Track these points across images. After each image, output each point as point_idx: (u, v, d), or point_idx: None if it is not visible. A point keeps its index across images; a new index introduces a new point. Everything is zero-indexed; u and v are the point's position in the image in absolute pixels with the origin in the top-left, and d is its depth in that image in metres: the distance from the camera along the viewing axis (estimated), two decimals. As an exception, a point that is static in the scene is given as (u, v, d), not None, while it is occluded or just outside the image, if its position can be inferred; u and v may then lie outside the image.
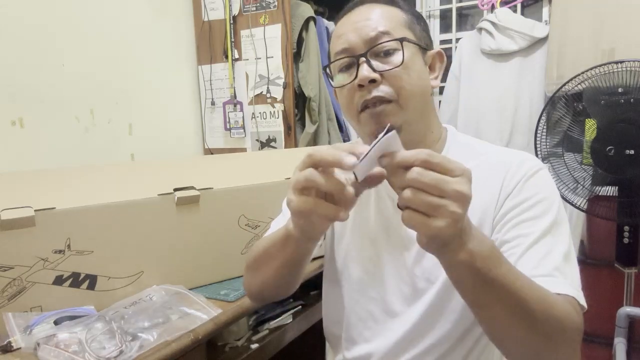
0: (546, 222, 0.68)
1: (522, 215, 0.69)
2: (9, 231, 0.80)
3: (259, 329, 1.14)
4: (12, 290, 0.82)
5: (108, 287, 0.93)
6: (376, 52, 0.72)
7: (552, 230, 0.67)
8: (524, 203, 0.70)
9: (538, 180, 0.72)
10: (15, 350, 0.75)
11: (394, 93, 0.71)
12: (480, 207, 0.72)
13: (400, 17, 0.75)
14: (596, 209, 1.50)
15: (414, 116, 0.74)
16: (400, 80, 0.71)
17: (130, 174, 1.25)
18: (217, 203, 1.06)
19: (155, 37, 1.89)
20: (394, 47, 0.72)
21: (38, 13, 1.46)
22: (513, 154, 0.76)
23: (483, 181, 0.71)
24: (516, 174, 0.72)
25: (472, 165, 0.69)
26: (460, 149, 0.79)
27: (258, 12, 1.89)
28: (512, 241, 0.68)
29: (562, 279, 0.63)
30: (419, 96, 0.74)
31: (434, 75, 0.78)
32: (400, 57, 0.71)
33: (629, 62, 1.41)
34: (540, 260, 0.65)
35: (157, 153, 1.88)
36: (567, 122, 1.53)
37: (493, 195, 0.72)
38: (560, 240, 0.67)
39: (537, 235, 0.67)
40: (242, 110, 2.00)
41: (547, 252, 0.66)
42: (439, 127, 0.81)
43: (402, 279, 0.78)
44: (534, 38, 2.00)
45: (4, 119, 1.39)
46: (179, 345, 0.80)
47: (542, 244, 0.66)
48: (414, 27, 0.76)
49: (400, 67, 0.71)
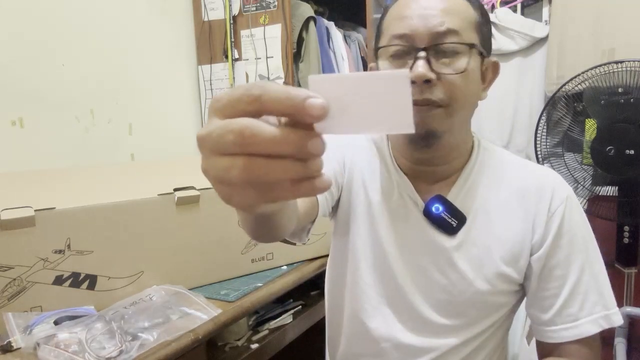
0: (581, 260, 0.70)
1: (558, 256, 0.71)
2: (9, 231, 0.80)
3: (259, 329, 1.14)
4: (12, 290, 0.82)
5: (108, 287, 0.93)
6: (439, 50, 0.64)
7: (586, 266, 0.70)
8: (560, 242, 0.71)
9: (570, 212, 0.72)
10: (15, 350, 0.75)
11: (447, 99, 0.65)
12: (514, 238, 0.72)
13: (472, 16, 0.67)
14: (596, 209, 1.50)
15: (458, 126, 0.70)
16: (457, 88, 0.65)
17: (130, 174, 1.25)
18: (217, 203, 1.05)
19: (155, 37, 1.89)
20: (461, 50, 0.65)
21: (38, 13, 1.46)
22: (546, 179, 0.74)
23: (517, 203, 0.72)
24: (550, 205, 0.71)
25: (503, 184, 0.73)
26: (491, 161, 0.76)
27: (258, 12, 1.89)
28: (551, 288, 0.71)
29: (604, 311, 0.70)
30: (469, 106, 0.70)
31: (483, 86, 0.72)
32: (464, 63, 0.65)
33: (629, 62, 1.41)
34: (582, 303, 0.70)
35: (157, 153, 1.88)
36: (567, 122, 1.53)
37: (526, 222, 0.72)
38: (598, 272, 0.71)
39: (575, 279, 0.70)
40: (242, 110, 1.99)
41: (586, 291, 0.70)
42: (471, 136, 0.78)
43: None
44: (534, 38, 2.00)
45: (4, 119, 1.39)
46: (179, 345, 0.80)
47: (580, 285, 0.70)
48: (483, 31, 0.69)
49: (462, 74, 0.65)
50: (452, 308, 0.73)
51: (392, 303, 0.76)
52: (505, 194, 0.73)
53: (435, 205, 0.72)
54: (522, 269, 0.72)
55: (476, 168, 0.74)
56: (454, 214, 0.72)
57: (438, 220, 0.72)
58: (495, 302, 0.74)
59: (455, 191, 0.73)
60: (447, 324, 0.74)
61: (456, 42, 0.64)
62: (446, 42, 0.64)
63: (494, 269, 0.71)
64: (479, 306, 0.73)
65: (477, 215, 0.72)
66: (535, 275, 0.72)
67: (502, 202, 0.72)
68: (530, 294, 0.74)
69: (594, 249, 0.72)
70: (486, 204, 0.73)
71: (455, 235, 0.72)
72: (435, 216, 0.72)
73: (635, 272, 1.53)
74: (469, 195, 0.73)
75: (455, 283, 0.72)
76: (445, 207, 0.72)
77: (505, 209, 0.72)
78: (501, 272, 0.71)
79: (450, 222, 0.71)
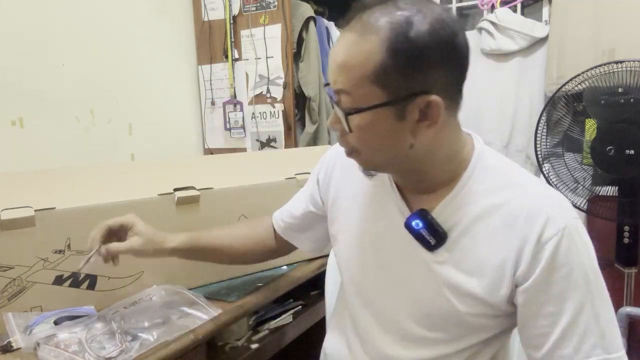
0: (577, 299, 0.62)
1: (549, 293, 0.63)
2: (9, 231, 0.80)
3: (259, 329, 1.14)
4: (12, 290, 0.82)
5: (108, 287, 0.93)
6: None
7: (585, 305, 0.62)
8: (551, 277, 0.63)
9: (566, 244, 0.62)
10: (15, 350, 0.75)
11: (358, 147, 0.65)
12: (496, 264, 0.65)
13: (372, 61, 0.58)
14: (596, 209, 1.50)
15: (394, 164, 0.68)
16: (362, 141, 0.64)
17: (130, 174, 1.25)
18: (217, 203, 1.06)
19: (155, 37, 1.89)
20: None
21: (38, 13, 1.46)
22: (540, 204, 0.64)
23: (503, 229, 0.65)
24: (541, 235, 0.63)
25: (493, 204, 0.66)
26: (486, 176, 0.68)
27: (258, 12, 1.89)
28: (538, 327, 0.64)
29: (604, 355, 0.62)
30: (386, 155, 0.65)
31: (426, 123, 0.62)
32: (355, 122, 0.62)
33: (629, 62, 1.41)
34: (579, 345, 0.62)
35: (157, 153, 1.88)
36: (567, 122, 1.53)
37: (510, 250, 0.64)
38: (596, 310, 0.63)
39: (568, 319, 0.62)
40: (242, 110, 2.00)
41: (583, 333, 0.62)
42: (458, 152, 0.69)
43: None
44: (534, 38, 2.00)
45: (4, 119, 1.39)
46: (179, 345, 0.80)
47: (576, 326, 0.62)
48: (387, 78, 0.59)
49: (352, 131, 0.63)
50: (431, 321, 0.71)
51: (376, 313, 0.77)
52: (495, 216, 0.66)
53: (415, 221, 0.68)
54: (504, 297, 0.66)
55: (469, 184, 0.68)
56: (433, 233, 0.67)
57: (417, 235, 0.69)
58: (477, 323, 0.69)
59: (442, 207, 0.68)
60: (428, 336, 0.72)
61: (343, 106, 0.62)
62: (337, 105, 0.63)
63: (470, 291, 0.66)
64: (458, 324, 0.70)
65: (460, 235, 0.67)
66: (523, 309, 0.65)
67: (489, 225, 0.66)
68: (519, 328, 0.68)
69: (598, 285, 0.63)
70: (472, 224, 0.67)
71: (434, 252, 0.69)
72: (415, 231, 0.69)
73: (635, 272, 1.53)
74: (455, 213, 0.68)
75: (433, 298, 0.70)
76: (425, 223, 0.68)
77: (491, 232, 0.66)
78: (478, 296, 0.66)
79: (429, 240, 0.68)
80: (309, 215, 0.90)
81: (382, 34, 0.57)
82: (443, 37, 0.59)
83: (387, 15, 0.58)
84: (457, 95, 0.66)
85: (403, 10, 0.58)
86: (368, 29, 0.58)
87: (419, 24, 0.57)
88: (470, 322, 0.69)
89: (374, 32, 0.58)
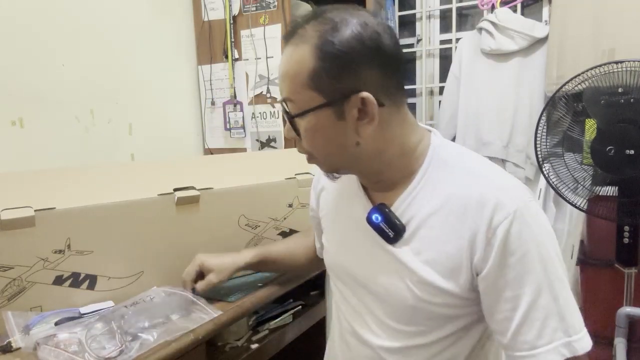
0: (536, 283, 0.63)
1: (506, 278, 0.64)
2: (9, 231, 0.80)
3: (259, 329, 1.14)
4: (12, 290, 0.82)
5: (108, 287, 0.93)
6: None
7: (543, 287, 0.63)
8: (506, 261, 0.64)
9: (519, 228, 0.64)
10: (15, 350, 0.75)
11: (311, 151, 0.71)
12: (452, 253, 0.67)
13: (306, 68, 0.64)
14: (596, 209, 1.50)
15: (349, 165, 0.72)
16: (312, 144, 0.70)
17: (130, 174, 1.25)
18: (217, 203, 1.06)
19: (155, 37, 1.89)
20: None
21: (38, 13, 1.46)
22: (492, 190, 0.66)
23: (457, 218, 0.67)
24: (492, 219, 0.64)
25: (447, 195, 0.68)
26: (441, 168, 0.71)
27: (258, 12, 1.89)
28: (501, 312, 0.66)
29: (565, 338, 0.63)
30: (337, 156, 0.70)
31: (366, 120, 0.66)
32: (302, 127, 0.68)
33: (629, 62, 1.41)
34: (540, 330, 0.63)
35: (157, 153, 1.88)
36: (567, 122, 1.53)
37: (464, 238, 0.66)
38: (556, 291, 0.64)
39: (527, 304, 0.64)
40: (242, 110, 2.00)
41: (544, 316, 0.63)
42: (412, 149, 0.72)
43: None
44: (534, 38, 2.00)
45: (4, 119, 1.39)
46: (179, 345, 0.80)
47: (536, 309, 0.63)
48: (320, 81, 0.64)
49: (302, 136, 0.69)
50: (401, 314, 0.73)
51: (354, 308, 0.81)
52: (450, 206, 0.68)
53: (375, 215, 0.73)
54: (465, 285, 0.67)
55: (425, 178, 0.71)
56: (391, 225, 0.71)
57: (378, 229, 0.73)
58: (446, 313, 0.71)
59: (400, 201, 0.72)
60: (403, 329, 0.74)
61: (289, 112, 0.68)
62: (285, 112, 0.70)
63: (431, 282, 0.68)
64: (427, 316, 0.71)
65: (418, 227, 0.70)
66: (485, 296, 0.67)
67: (445, 215, 0.68)
68: (485, 315, 0.70)
69: (555, 266, 0.65)
70: (428, 216, 0.69)
71: (394, 244, 0.72)
72: (375, 225, 0.73)
73: (635, 272, 1.53)
74: (412, 207, 0.71)
75: (398, 291, 0.72)
76: (383, 217, 0.72)
77: (446, 222, 0.68)
78: (438, 285, 0.68)
79: (388, 233, 0.72)
80: (312, 220, 0.98)
81: (311, 42, 0.64)
82: (367, 39, 0.64)
83: (316, 25, 0.65)
84: (397, 94, 0.69)
85: (329, 20, 0.65)
86: (301, 40, 0.65)
87: (343, 29, 0.64)
88: (438, 313, 0.70)
89: (306, 42, 0.65)
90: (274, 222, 1.17)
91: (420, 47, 2.52)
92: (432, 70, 2.53)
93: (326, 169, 0.75)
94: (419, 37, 2.52)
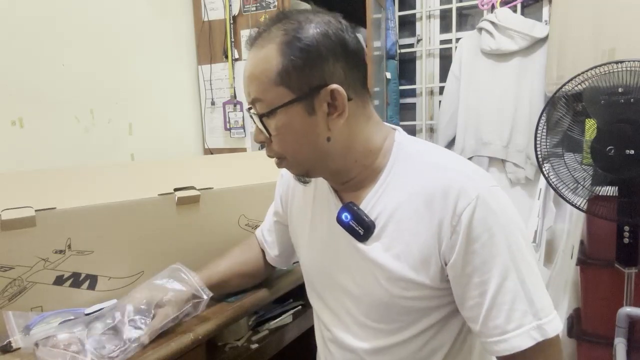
0: (499, 266, 0.64)
1: (473, 264, 0.65)
2: (9, 231, 0.80)
3: (259, 329, 1.14)
4: (12, 290, 0.82)
5: (108, 287, 0.93)
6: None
7: (509, 271, 0.64)
8: (471, 247, 0.64)
9: (482, 213, 0.64)
10: (15, 351, 0.75)
11: (282, 152, 0.71)
12: (422, 244, 0.68)
13: (274, 65, 0.65)
14: (596, 209, 1.50)
15: (326, 161, 0.72)
16: (284, 144, 0.70)
17: (130, 174, 1.25)
18: (217, 203, 1.06)
19: (155, 37, 1.89)
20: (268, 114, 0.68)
21: (38, 13, 1.46)
22: (455, 179, 0.67)
23: (424, 210, 0.67)
24: (456, 207, 0.65)
25: (413, 188, 0.69)
26: (407, 164, 0.72)
27: (258, 12, 1.89)
28: (470, 297, 0.66)
29: (535, 322, 0.63)
30: (308, 153, 0.70)
31: (336, 113, 0.67)
32: (273, 125, 0.68)
33: (629, 62, 1.41)
34: (509, 313, 0.63)
35: (157, 153, 1.88)
36: (567, 122, 1.53)
37: (432, 228, 0.67)
38: (523, 278, 0.64)
39: (495, 287, 0.64)
40: (242, 110, 2.00)
41: (512, 300, 0.63)
42: (378, 147, 0.73)
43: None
44: (534, 38, 2.00)
45: (4, 119, 1.39)
46: (179, 345, 0.80)
47: (503, 293, 0.64)
48: (289, 76, 0.65)
49: (272, 136, 0.69)
50: (376, 312, 0.74)
51: (332, 310, 0.82)
52: (416, 199, 0.68)
53: (344, 214, 0.73)
54: (436, 276, 0.68)
55: (391, 174, 0.72)
56: (360, 223, 0.72)
57: (348, 228, 0.73)
58: (419, 307, 0.71)
59: (368, 198, 0.73)
60: (380, 327, 0.74)
61: (258, 112, 0.69)
62: (253, 113, 0.70)
63: (402, 275, 0.69)
64: (401, 312, 0.71)
65: (387, 223, 0.71)
66: (454, 285, 0.68)
67: (412, 208, 0.69)
68: (457, 304, 0.70)
69: (521, 250, 0.65)
70: (396, 211, 0.70)
71: (364, 242, 0.72)
72: (345, 224, 0.73)
73: (635, 272, 1.53)
74: (380, 203, 0.72)
75: (371, 289, 0.72)
76: (352, 215, 0.72)
77: (414, 215, 0.68)
78: (410, 279, 0.68)
79: (358, 230, 0.72)
80: (276, 226, 0.98)
81: (277, 40, 0.66)
82: (332, 34, 0.66)
83: (281, 26, 0.67)
84: (362, 91, 0.71)
85: (294, 19, 0.67)
86: (267, 41, 0.67)
87: (308, 26, 0.66)
88: (413, 307, 0.71)
89: (272, 41, 0.66)
90: (274, 222, 1.17)
91: (420, 47, 2.52)
92: (432, 70, 2.53)
93: (297, 171, 0.75)
94: (419, 37, 2.52)
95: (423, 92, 2.52)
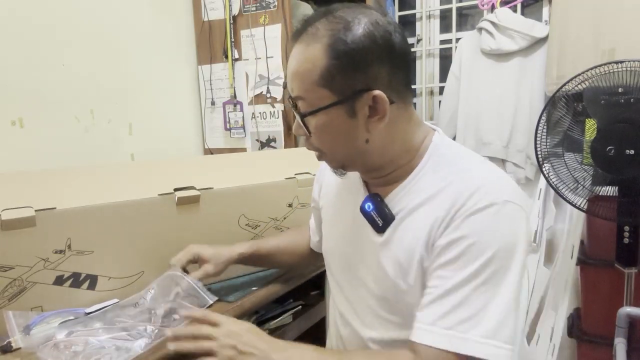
0: (469, 270, 0.62)
1: (447, 257, 0.65)
2: (9, 231, 0.80)
3: (259, 329, 1.14)
4: (12, 290, 0.82)
5: (108, 287, 0.93)
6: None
7: (474, 280, 0.62)
8: (453, 244, 0.64)
9: (481, 219, 0.63)
10: (15, 351, 0.75)
11: (321, 148, 0.73)
12: (426, 227, 0.68)
13: (318, 66, 0.65)
14: (596, 209, 1.49)
15: (363, 158, 0.72)
16: (323, 141, 0.71)
17: (130, 174, 1.25)
18: (217, 203, 1.06)
19: (155, 37, 1.89)
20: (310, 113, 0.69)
21: (38, 13, 1.46)
22: (473, 182, 0.66)
23: (437, 204, 0.68)
24: (461, 207, 0.65)
25: (436, 189, 0.69)
26: (436, 167, 0.72)
27: (258, 12, 1.89)
28: (429, 286, 0.66)
29: (461, 334, 0.61)
30: (346, 152, 0.71)
31: (376, 118, 0.67)
32: (313, 124, 0.69)
33: (629, 62, 1.40)
34: (448, 312, 0.62)
35: (157, 153, 1.88)
36: (567, 122, 1.52)
37: (436, 221, 0.67)
38: (485, 294, 0.62)
39: (452, 284, 0.63)
40: (242, 110, 2.00)
41: (459, 304, 0.62)
42: (415, 146, 0.74)
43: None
44: (534, 38, 2.00)
45: (4, 119, 1.39)
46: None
47: (457, 294, 0.62)
48: (333, 79, 0.65)
49: (312, 134, 0.70)
50: (387, 304, 0.75)
51: (348, 298, 0.83)
52: (436, 199, 0.69)
53: (367, 204, 0.75)
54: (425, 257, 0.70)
55: (421, 174, 0.72)
56: (381, 214, 0.73)
57: (369, 217, 0.75)
58: (414, 304, 0.70)
59: (394, 193, 0.74)
60: (391, 319, 0.75)
61: (300, 111, 0.69)
62: (295, 110, 0.70)
63: (413, 270, 0.69)
64: (408, 305, 0.71)
65: (405, 217, 0.72)
66: (426, 278, 0.68)
67: (430, 207, 0.69)
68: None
69: (504, 272, 0.62)
70: (416, 207, 0.71)
71: (382, 233, 0.74)
72: (367, 213, 0.75)
73: (635, 272, 1.53)
74: (403, 199, 0.73)
75: (383, 280, 0.74)
76: (375, 206, 0.74)
77: (430, 214, 0.69)
78: (415, 271, 0.69)
79: (377, 221, 0.74)
80: (314, 212, 1.01)
81: (324, 41, 0.65)
82: (379, 37, 0.65)
83: (327, 24, 0.65)
84: (405, 92, 0.71)
85: (341, 19, 0.65)
86: (313, 39, 0.66)
87: (355, 28, 0.64)
88: (416, 304, 0.70)
89: (318, 41, 0.65)
90: (274, 221, 1.17)
91: (420, 47, 2.52)
92: (432, 70, 2.53)
93: (334, 165, 0.76)
94: (419, 37, 2.52)
95: (423, 92, 2.52)
